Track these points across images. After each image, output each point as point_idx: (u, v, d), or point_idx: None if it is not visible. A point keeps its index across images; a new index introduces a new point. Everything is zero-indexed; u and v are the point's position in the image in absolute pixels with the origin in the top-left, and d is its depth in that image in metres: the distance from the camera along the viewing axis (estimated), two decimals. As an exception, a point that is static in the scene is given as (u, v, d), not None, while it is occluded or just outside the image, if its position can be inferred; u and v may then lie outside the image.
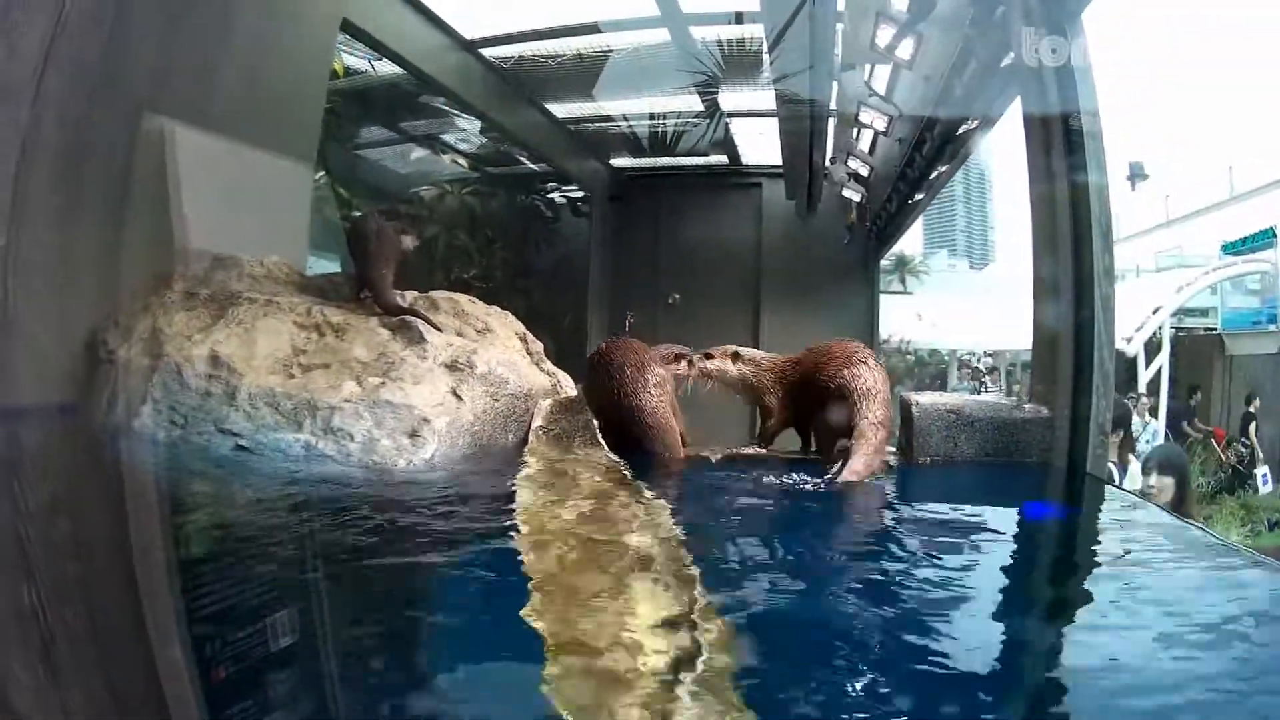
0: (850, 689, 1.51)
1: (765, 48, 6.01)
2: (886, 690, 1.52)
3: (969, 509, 2.77)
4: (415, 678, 1.63)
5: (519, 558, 1.99)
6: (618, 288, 9.28)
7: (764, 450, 3.46)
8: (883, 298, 8.76)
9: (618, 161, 9.14)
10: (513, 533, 2.17)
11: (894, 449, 3.43)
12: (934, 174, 6.98)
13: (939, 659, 1.60)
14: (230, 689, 1.69)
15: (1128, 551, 2.30)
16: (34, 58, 1.94)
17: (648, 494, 2.54)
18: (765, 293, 8.70)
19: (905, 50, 4.23)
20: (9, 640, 1.81)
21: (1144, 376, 9.35)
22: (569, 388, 3.73)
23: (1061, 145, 3.25)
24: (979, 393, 3.00)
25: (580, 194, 9.50)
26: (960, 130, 5.93)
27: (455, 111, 7.38)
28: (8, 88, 1.86)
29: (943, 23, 4.12)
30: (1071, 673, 1.60)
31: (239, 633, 1.80)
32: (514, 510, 2.37)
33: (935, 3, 4.16)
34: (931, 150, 6.20)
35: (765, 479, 2.91)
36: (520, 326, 3.89)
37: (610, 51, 6.52)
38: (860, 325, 8.23)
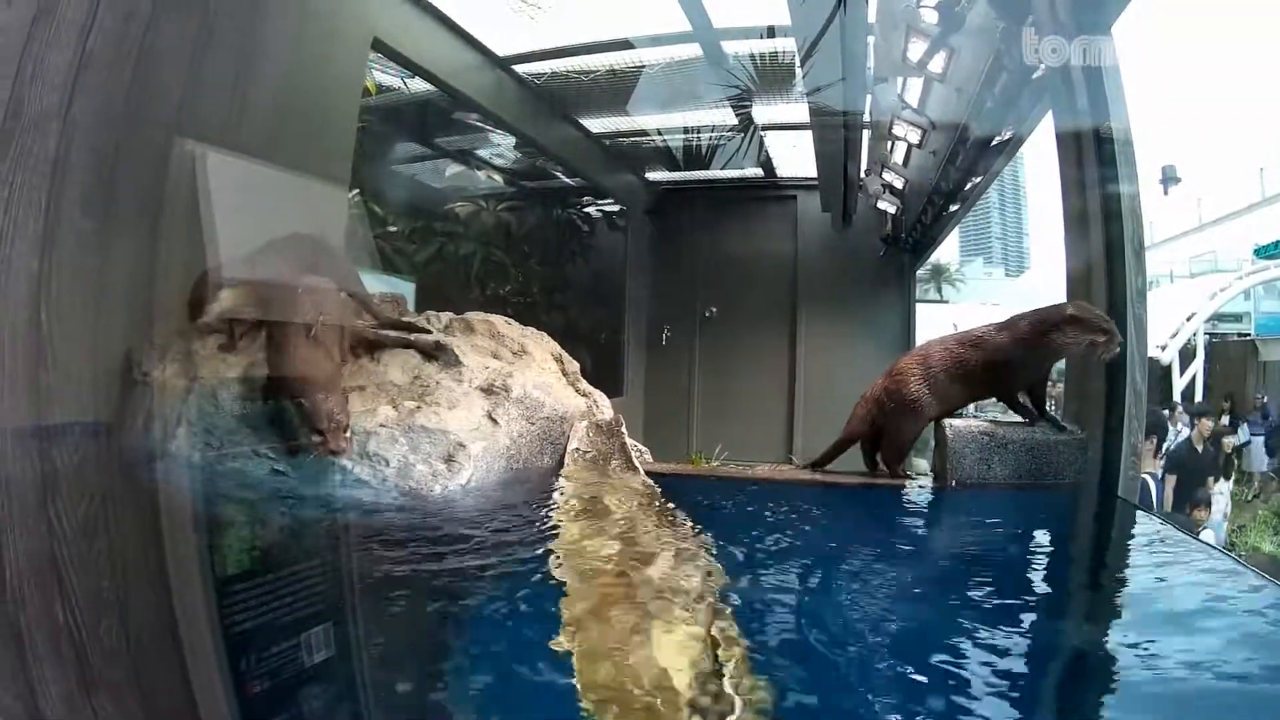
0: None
1: (797, 61, 5.99)
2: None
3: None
4: (440, 708, 1.63)
5: (552, 588, 2.00)
6: (654, 301, 9.28)
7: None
8: (919, 307, 8.64)
9: (653, 175, 9.14)
10: (547, 561, 2.18)
11: (927, 472, 3.42)
12: (968, 186, 6.91)
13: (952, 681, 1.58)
14: (260, 708, 1.71)
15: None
16: (61, 87, 1.98)
17: (683, 520, 2.53)
18: (802, 305, 8.66)
19: (937, 63, 4.18)
20: (41, 654, 1.84)
21: (1178, 384, 9.12)
22: (605, 408, 3.72)
23: (1094, 160, 3.20)
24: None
25: (616, 208, 9.51)
26: (994, 142, 5.86)
27: (489, 127, 7.44)
28: (36, 117, 1.90)
29: (974, 35, 4.07)
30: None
31: (269, 653, 1.82)
32: (549, 538, 2.38)
33: (965, 16, 4.11)
34: (965, 163, 6.13)
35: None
36: (556, 347, 3.87)
37: (643, 67, 6.53)
38: (896, 335, 8.14)
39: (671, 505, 2.70)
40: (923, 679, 1.65)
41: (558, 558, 2.21)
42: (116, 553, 2.19)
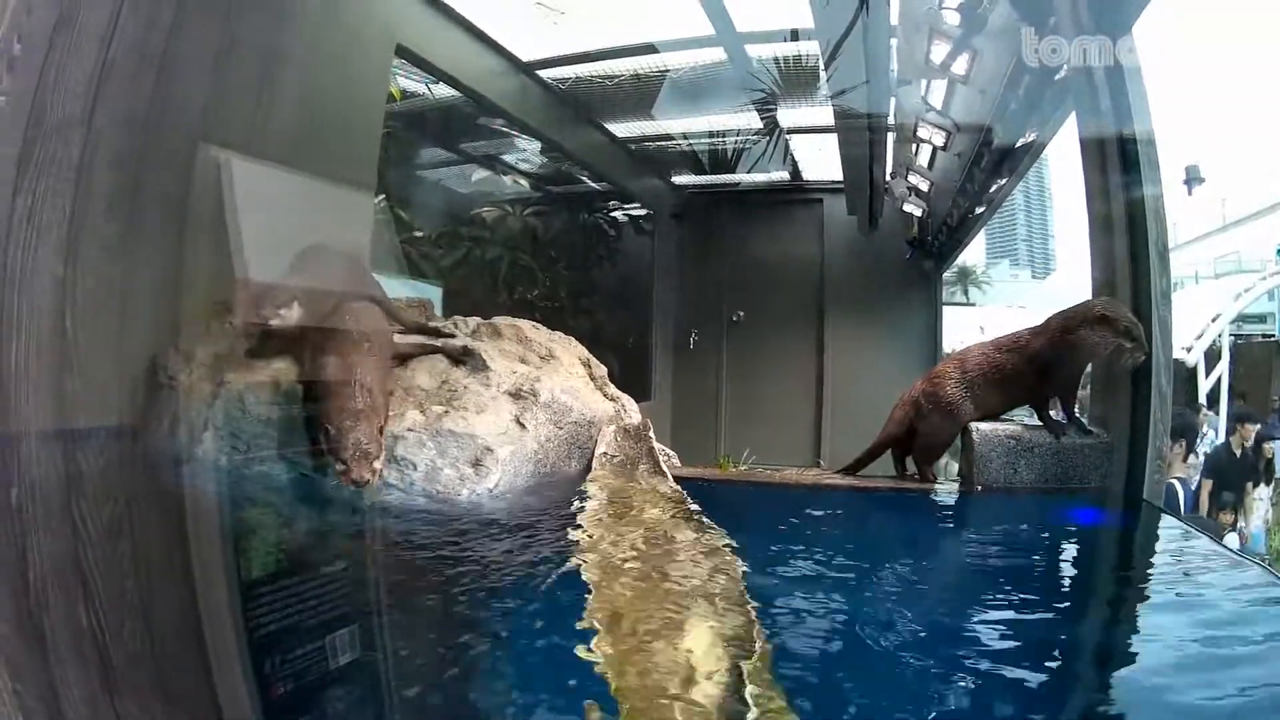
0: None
1: (821, 64, 5.98)
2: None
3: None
4: (467, 713, 1.63)
5: (580, 593, 2.01)
6: (681, 306, 9.27)
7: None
8: (945, 309, 8.56)
9: (679, 180, 9.12)
10: (574, 564, 2.20)
11: (955, 477, 3.42)
12: (994, 187, 6.86)
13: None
14: (285, 708, 1.71)
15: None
16: (83, 94, 2.00)
17: (711, 525, 2.53)
18: (829, 308, 8.62)
19: (960, 65, 4.16)
20: (64, 656, 1.85)
21: (1204, 386, 8.95)
22: (633, 413, 3.73)
23: (1117, 163, 3.19)
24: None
25: (643, 212, 9.51)
26: (1018, 143, 5.83)
27: (514, 132, 7.47)
28: (58, 124, 1.92)
29: (996, 36, 4.03)
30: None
31: (293, 655, 1.82)
32: (576, 543, 2.39)
33: (987, 17, 4.09)
34: (990, 164, 6.11)
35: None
36: (583, 351, 3.87)
37: (667, 71, 6.53)
38: (923, 339, 8.08)
39: (699, 509, 2.70)
40: (943, 682, 1.66)
41: (585, 561, 2.22)
42: (141, 555, 2.20)
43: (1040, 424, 3.20)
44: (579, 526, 2.53)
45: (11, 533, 1.78)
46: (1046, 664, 1.78)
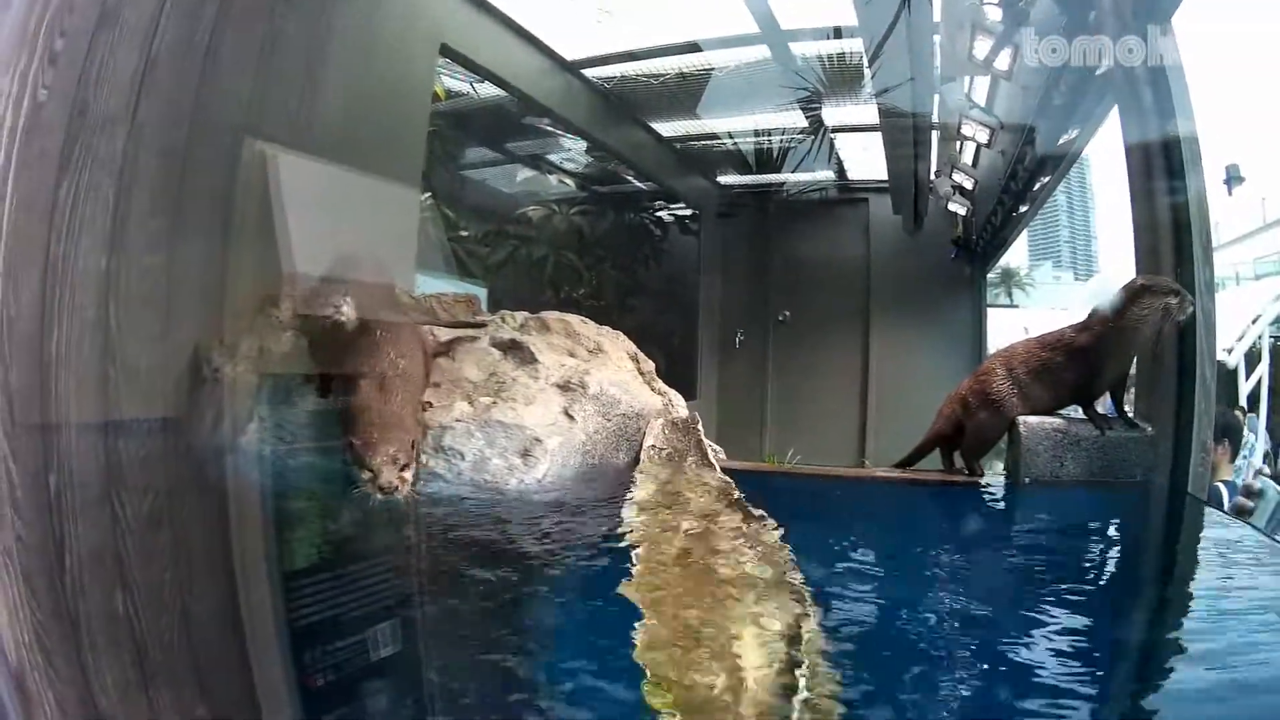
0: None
1: (865, 62, 5.92)
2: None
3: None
4: (517, 703, 1.62)
5: (629, 582, 2.01)
6: (727, 305, 9.23)
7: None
8: (989, 311, 8.42)
9: (725, 179, 9.07)
10: (622, 550, 2.21)
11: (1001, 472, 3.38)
12: (1037, 185, 6.80)
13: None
14: (324, 698, 1.72)
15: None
16: (126, 90, 2.02)
17: (761, 514, 2.51)
18: (874, 308, 8.55)
19: (1003, 61, 4.10)
20: (99, 644, 1.87)
21: (1244, 388, 8.64)
22: (680, 407, 3.71)
23: (1159, 155, 3.21)
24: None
25: (688, 212, 9.48)
26: (1061, 140, 5.77)
27: (560, 132, 7.50)
28: (102, 119, 1.95)
29: (1038, 31, 3.96)
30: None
31: (335, 644, 1.83)
32: (625, 530, 2.39)
33: (1029, 12, 4.08)
34: (1034, 161, 6.06)
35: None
36: (632, 346, 3.88)
37: (712, 70, 6.51)
38: (968, 340, 7.97)
39: (747, 500, 2.67)
40: (980, 675, 1.67)
41: (634, 548, 2.22)
42: (181, 546, 2.22)
43: (1085, 418, 3.21)
44: (627, 514, 2.54)
45: (49, 520, 1.80)
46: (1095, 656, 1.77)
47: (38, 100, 1.68)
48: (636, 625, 1.73)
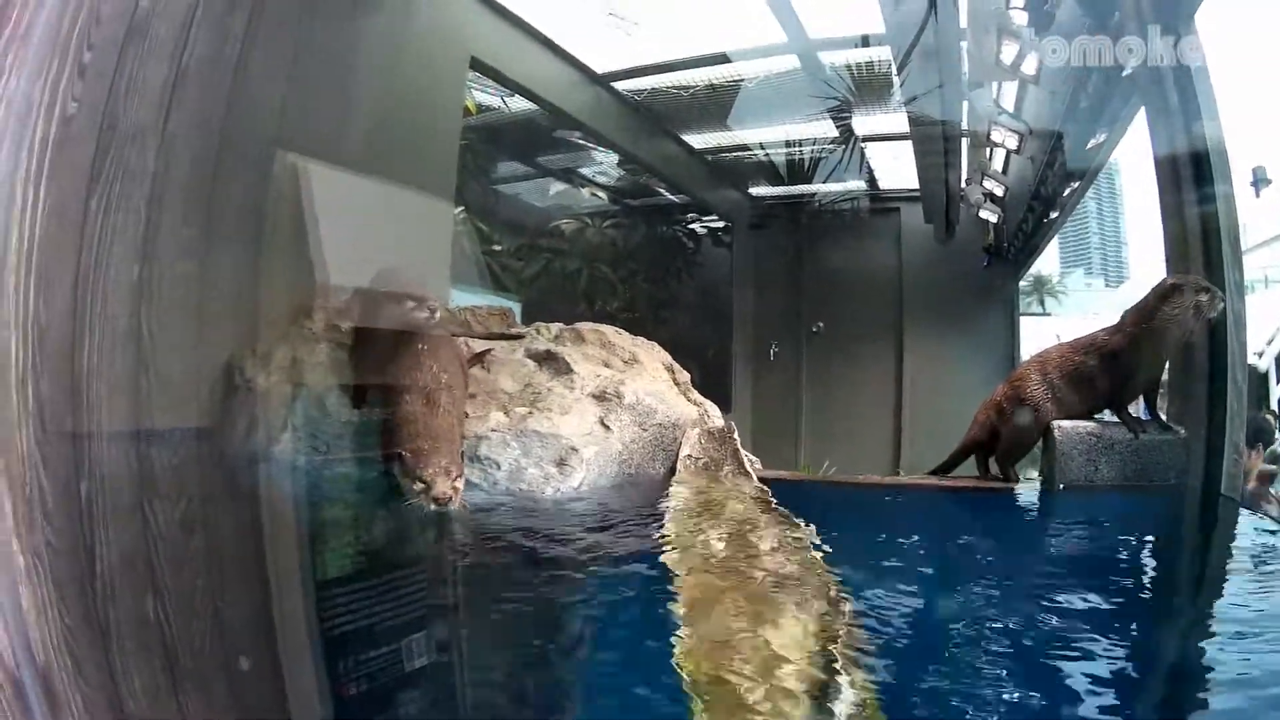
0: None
1: (894, 69, 5.90)
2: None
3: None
4: (553, 705, 1.62)
5: (665, 582, 2.02)
6: (761, 317, 9.19)
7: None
8: (1022, 320, 8.31)
9: (757, 191, 9.04)
10: (660, 555, 2.21)
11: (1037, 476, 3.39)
12: (1067, 191, 6.76)
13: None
14: (356, 706, 1.72)
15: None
16: (156, 102, 2.05)
17: (798, 519, 2.51)
18: (907, 318, 8.49)
19: (1030, 65, 4.07)
20: (128, 648, 1.88)
21: (1276, 392, 8.40)
22: (716, 417, 3.73)
23: (1186, 155, 3.22)
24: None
25: (721, 224, 9.46)
26: (1090, 144, 5.74)
27: (591, 145, 7.53)
28: (132, 131, 1.97)
29: (1063, 35, 3.94)
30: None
31: (370, 651, 1.83)
32: (663, 535, 2.40)
33: (1053, 15, 4.07)
34: (1063, 167, 6.04)
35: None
36: (667, 357, 3.90)
37: (741, 81, 6.50)
38: (1001, 349, 7.85)
39: (784, 507, 2.67)
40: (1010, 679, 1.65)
41: (670, 551, 2.24)
42: (214, 552, 2.23)
43: (1118, 421, 3.21)
44: (665, 521, 2.54)
45: (80, 526, 1.81)
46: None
47: (67, 113, 1.71)
48: (676, 630, 1.73)
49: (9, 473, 1.56)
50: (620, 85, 6.65)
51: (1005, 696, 1.58)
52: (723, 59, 6.23)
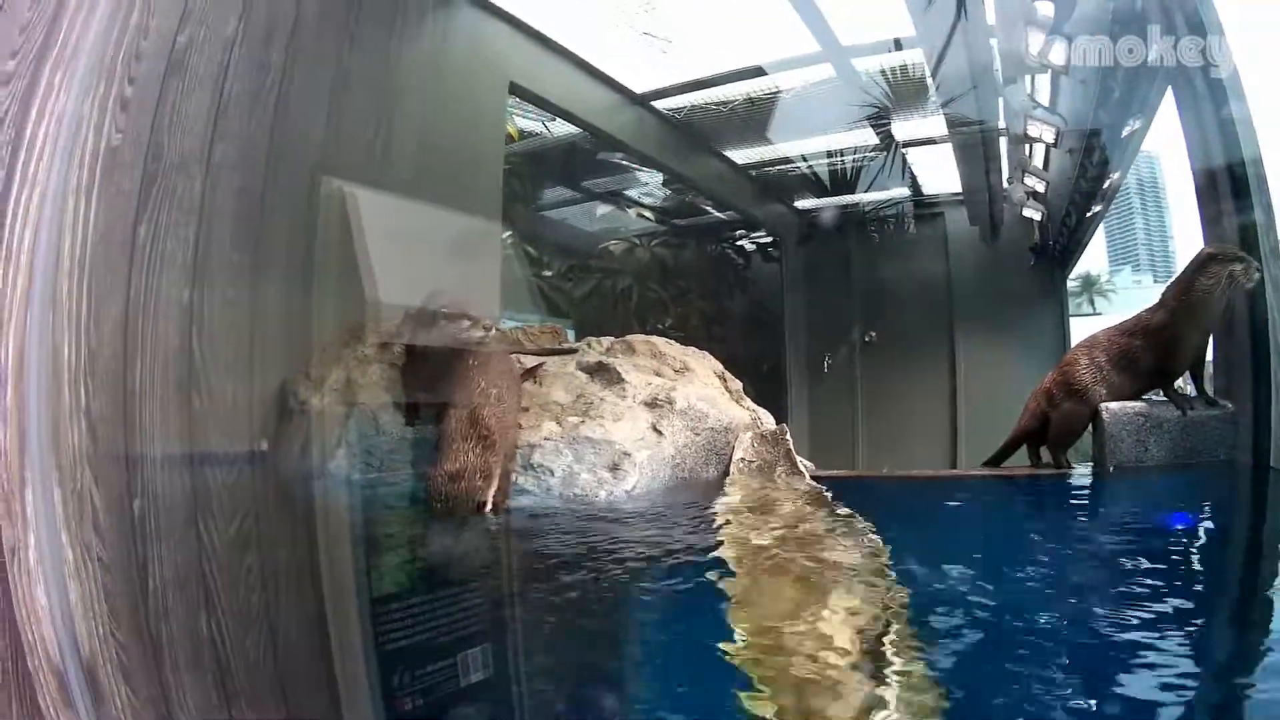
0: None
1: (928, 72, 5.87)
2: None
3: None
4: (616, 697, 1.63)
5: (721, 574, 2.07)
6: (813, 329, 9.09)
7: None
8: (1072, 321, 8.10)
9: (802, 203, 8.99)
10: (716, 548, 2.27)
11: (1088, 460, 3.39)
12: (1107, 183, 6.64)
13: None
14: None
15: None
16: (200, 133, 2.14)
17: (852, 515, 2.55)
18: (958, 322, 8.31)
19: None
20: (180, 663, 1.92)
21: None
22: (769, 423, 3.73)
23: (1215, 130, 3.20)
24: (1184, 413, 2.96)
25: (769, 239, 9.42)
26: (1125, 131, 5.64)
27: (635, 166, 7.59)
28: (177, 161, 2.06)
29: (1089, 23, 3.93)
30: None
31: (423, 670, 1.85)
32: (718, 530, 2.47)
33: (1075, 3, 4.03)
34: (1101, 156, 5.96)
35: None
36: (718, 365, 3.97)
37: (779, 92, 6.49)
38: (1051, 348, 7.62)
39: (837, 502, 2.72)
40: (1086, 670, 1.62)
41: (725, 544, 2.29)
42: (269, 569, 2.28)
43: (1165, 399, 3.21)
44: (720, 516, 2.60)
45: (132, 544, 1.87)
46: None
47: (111, 144, 1.79)
48: (731, 621, 1.76)
49: (60, 466, 1.62)
50: (659, 104, 6.70)
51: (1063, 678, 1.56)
52: (758, 72, 6.24)
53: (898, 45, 5.87)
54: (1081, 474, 3.33)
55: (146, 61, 1.87)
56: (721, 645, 1.67)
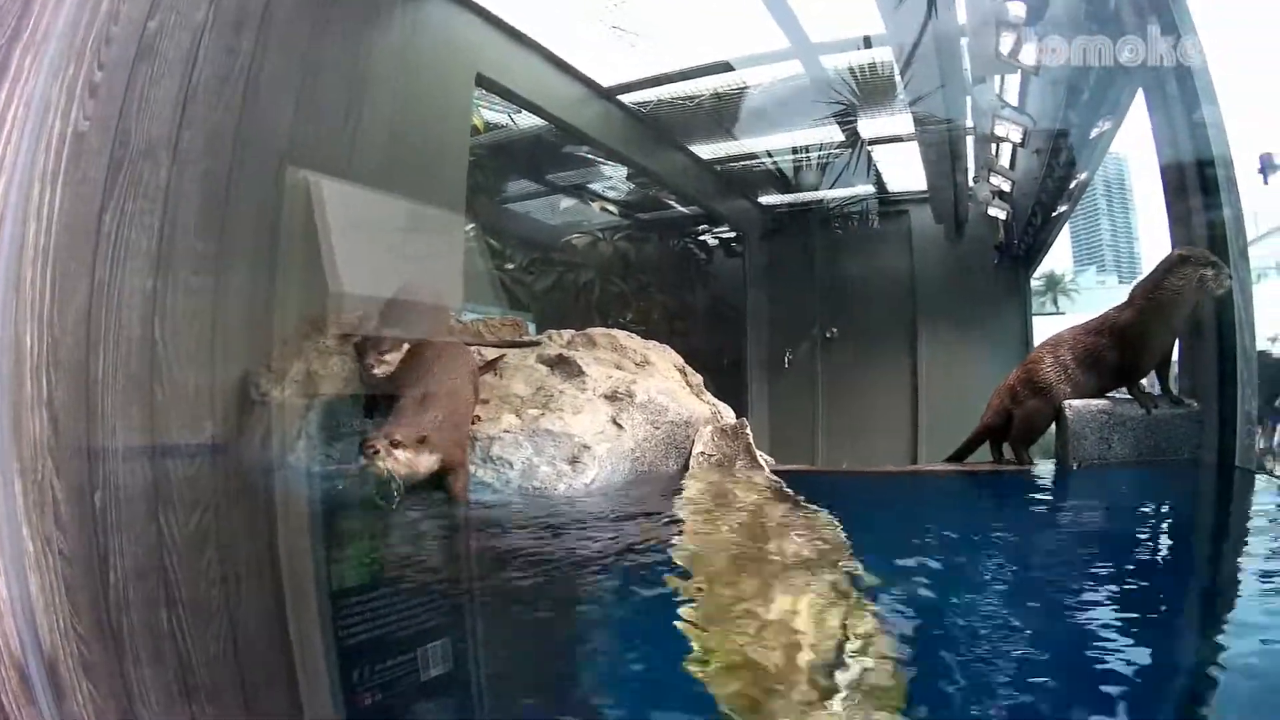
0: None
1: (896, 70, 5.93)
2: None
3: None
4: (568, 685, 1.63)
5: (679, 566, 2.08)
6: (775, 325, 9.16)
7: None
8: (1036, 320, 8.27)
9: (766, 199, 9.05)
10: (675, 540, 2.29)
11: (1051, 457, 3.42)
12: (1073, 183, 6.78)
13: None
14: (371, 714, 1.73)
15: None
16: (167, 120, 2.10)
17: (811, 507, 2.59)
18: (921, 320, 8.42)
19: (1029, 55, 4.09)
20: (141, 658, 1.90)
21: None
22: (729, 417, 3.77)
23: (1186, 131, 3.24)
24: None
25: (732, 234, 9.48)
26: (1093, 132, 5.74)
27: (600, 159, 7.58)
28: (144, 147, 2.02)
29: (1061, 24, 4.00)
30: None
31: (381, 664, 1.84)
32: (678, 522, 2.48)
33: (1047, 3, 4.08)
34: (1068, 156, 6.08)
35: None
36: (679, 359, 3.98)
37: (746, 88, 6.54)
38: (1016, 349, 7.77)
39: (798, 495, 2.75)
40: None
41: (684, 536, 2.31)
42: (228, 562, 2.25)
43: (1130, 398, 3.25)
44: (679, 511, 2.62)
45: (93, 535, 1.84)
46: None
47: (79, 129, 1.76)
48: (685, 608, 1.77)
49: (21, 458, 1.59)
50: (626, 98, 6.70)
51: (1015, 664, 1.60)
52: (726, 67, 6.27)
53: (867, 43, 5.91)
54: (1044, 470, 3.38)
55: (116, 46, 1.84)
56: (680, 633, 1.68)
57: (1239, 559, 2.22)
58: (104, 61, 1.80)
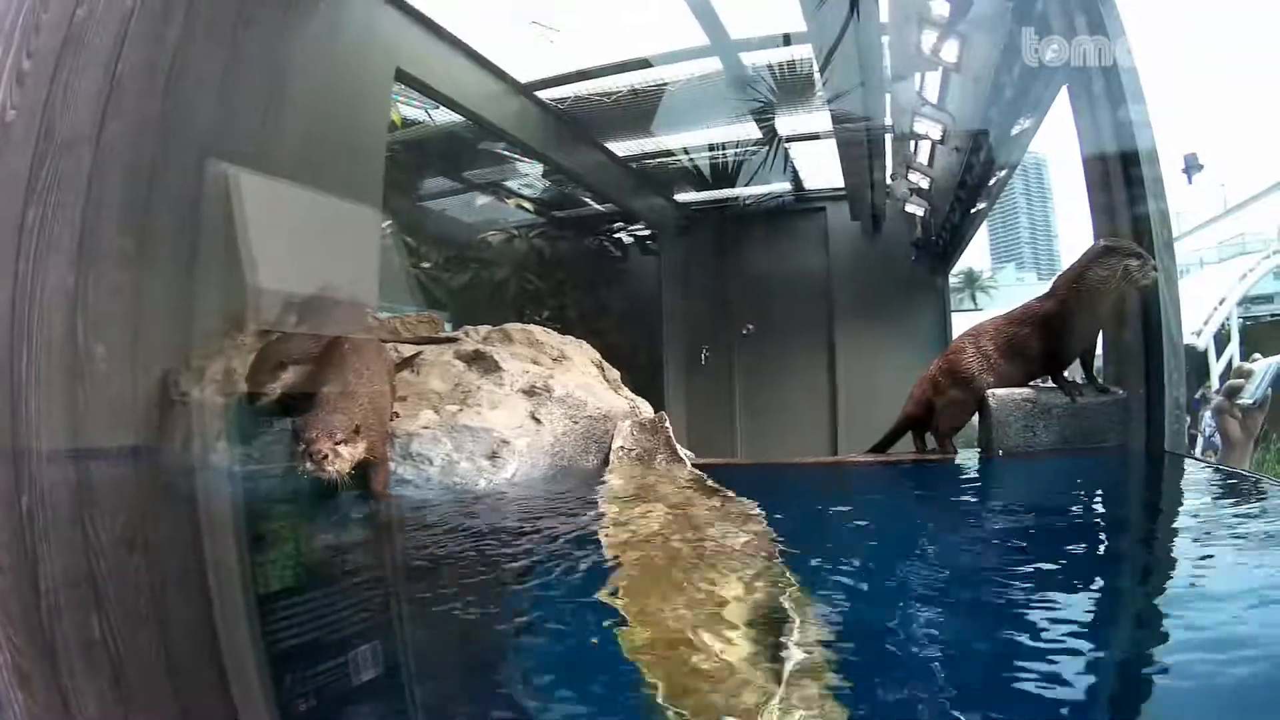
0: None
1: (816, 69, 6.02)
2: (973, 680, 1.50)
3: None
4: (500, 683, 1.63)
5: (603, 559, 2.09)
6: (691, 322, 9.25)
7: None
8: (954, 316, 8.56)
9: (682, 197, 9.16)
10: (597, 534, 2.28)
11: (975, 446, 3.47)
12: (992, 180, 6.87)
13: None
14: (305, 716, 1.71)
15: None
16: (91, 111, 2.03)
17: (732, 496, 2.60)
18: (838, 316, 8.58)
19: (950, 53, 4.18)
20: (75, 667, 1.84)
21: (1216, 368, 8.96)
22: (648, 412, 3.82)
23: (1110, 125, 3.25)
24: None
25: (647, 232, 9.55)
26: (1015, 130, 5.82)
27: (517, 156, 7.54)
28: (68, 139, 1.95)
29: (985, 22, 4.07)
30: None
31: (313, 666, 1.82)
32: (600, 516, 2.48)
33: (971, 2, 4.13)
34: (988, 154, 6.12)
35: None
36: (596, 355, 3.99)
37: (665, 85, 6.58)
38: (932, 344, 8.02)
39: (720, 487, 2.76)
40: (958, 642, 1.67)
41: (608, 530, 2.30)
42: (155, 566, 2.19)
43: (1054, 386, 3.26)
44: (602, 503, 2.63)
45: (22, 542, 1.78)
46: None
47: (6, 120, 1.69)
48: (617, 605, 1.76)
49: None
50: (544, 94, 6.68)
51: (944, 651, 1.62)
52: (644, 64, 6.29)
53: (786, 40, 5.94)
54: (967, 459, 3.40)
55: (45, 34, 1.77)
56: (609, 628, 1.68)
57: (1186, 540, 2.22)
58: (32, 50, 1.73)
